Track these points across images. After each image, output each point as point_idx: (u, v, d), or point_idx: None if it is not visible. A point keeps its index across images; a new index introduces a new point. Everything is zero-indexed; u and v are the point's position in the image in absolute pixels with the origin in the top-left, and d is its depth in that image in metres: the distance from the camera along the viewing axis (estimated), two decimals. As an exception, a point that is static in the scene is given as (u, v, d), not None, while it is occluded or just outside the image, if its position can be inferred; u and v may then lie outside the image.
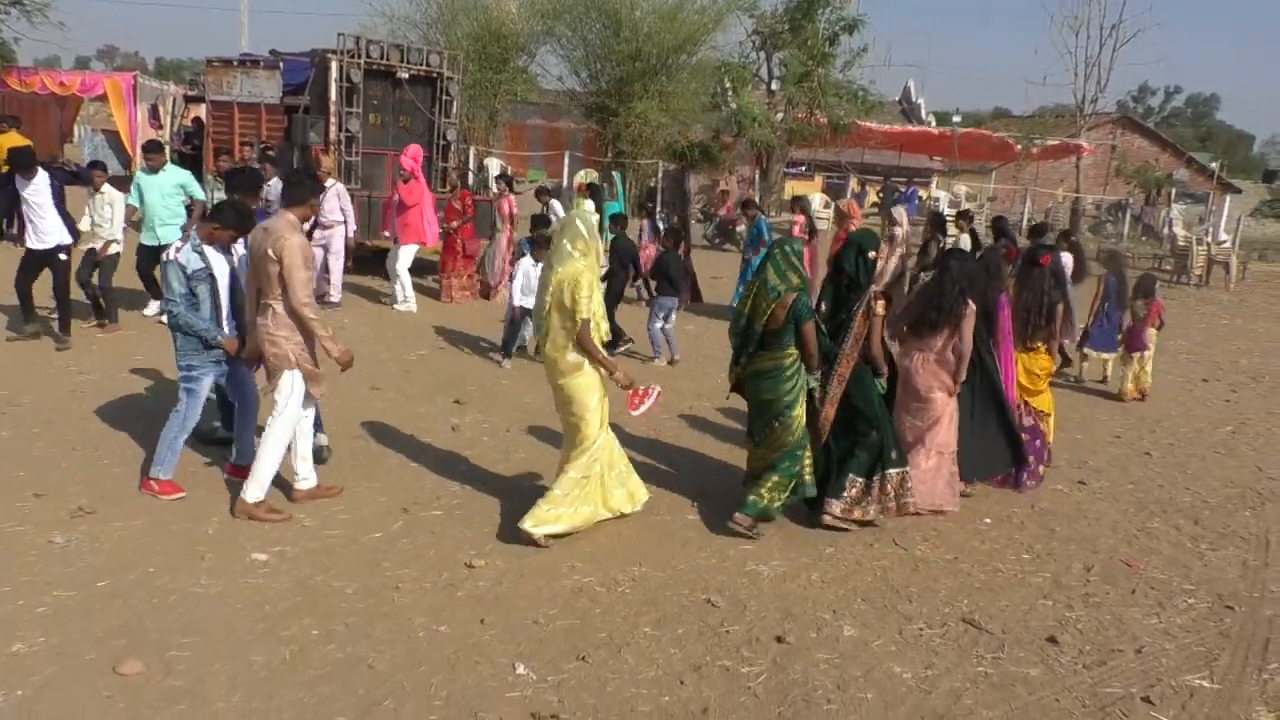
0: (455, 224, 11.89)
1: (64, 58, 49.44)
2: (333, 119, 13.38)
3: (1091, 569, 5.47)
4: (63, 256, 8.59)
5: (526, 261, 9.30)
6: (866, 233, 6.15)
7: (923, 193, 30.82)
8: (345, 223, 11.35)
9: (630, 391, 5.58)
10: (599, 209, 13.99)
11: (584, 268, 5.19)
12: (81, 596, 4.38)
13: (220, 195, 9.53)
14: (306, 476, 5.68)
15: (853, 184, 32.61)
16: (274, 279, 5.14)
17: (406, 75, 14.11)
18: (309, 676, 3.91)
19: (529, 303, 8.98)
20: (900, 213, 12.21)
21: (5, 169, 12.75)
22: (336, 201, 11.18)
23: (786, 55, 26.80)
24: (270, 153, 12.63)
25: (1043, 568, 5.46)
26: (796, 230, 12.14)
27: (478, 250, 12.84)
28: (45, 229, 8.47)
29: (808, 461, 5.59)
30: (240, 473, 5.61)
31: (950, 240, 12.43)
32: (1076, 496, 6.75)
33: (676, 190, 27.67)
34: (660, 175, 26.01)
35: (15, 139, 13.87)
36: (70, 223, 8.66)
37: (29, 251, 8.70)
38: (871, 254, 5.80)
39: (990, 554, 5.60)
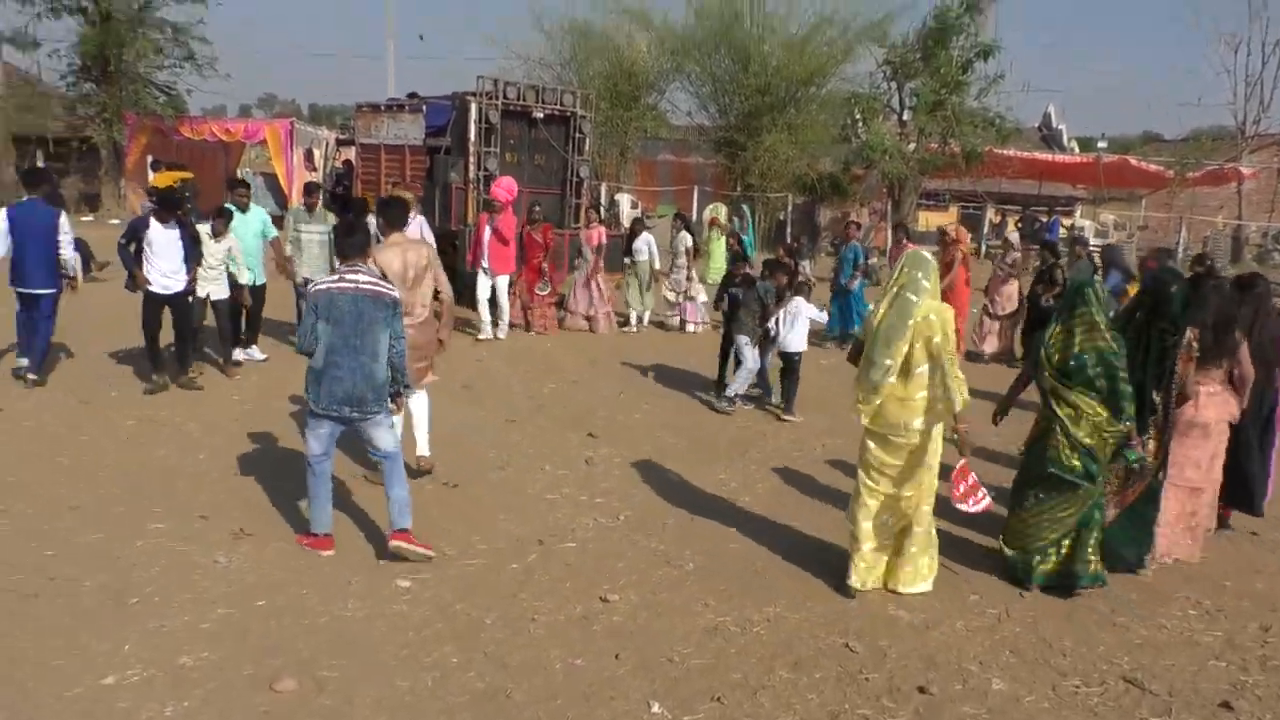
0: (540, 256, 12.26)
1: (229, 106, 53.00)
2: (471, 158, 13.86)
3: (1269, 629, 5.08)
4: (189, 299, 8.66)
5: (800, 303, 9.19)
6: (1172, 271, 5.94)
7: (1065, 222, 29.59)
8: None
9: (960, 480, 5.15)
10: (739, 240, 14.01)
11: (943, 305, 4.97)
12: (240, 615, 4.62)
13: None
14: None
15: (990, 214, 31.63)
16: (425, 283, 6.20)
17: (541, 115, 14.56)
18: (450, 704, 4.00)
19: (796, 344, 9.03)
20: (1011, 238, 11.82)
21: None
22: (419, 232, 11.58)
23: (918, 84, 26.32)
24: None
25: (1213, 626, 5.10)
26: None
27: (560, 281, 13.12)
28: (167, 272, 8.36)
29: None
30: (404, 537, 5.33)
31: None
32: (1248, 549, 6.30)
33: (806, 223, 27.56)
34: (789, 208, 25.89)
35: (166, 180, 14.75)
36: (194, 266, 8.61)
37: (150, 295, 8.44)
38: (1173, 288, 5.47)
39: (1153, 607, 5.27)
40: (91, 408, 8.01)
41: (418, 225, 11.37)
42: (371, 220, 10.00)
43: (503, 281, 11.92)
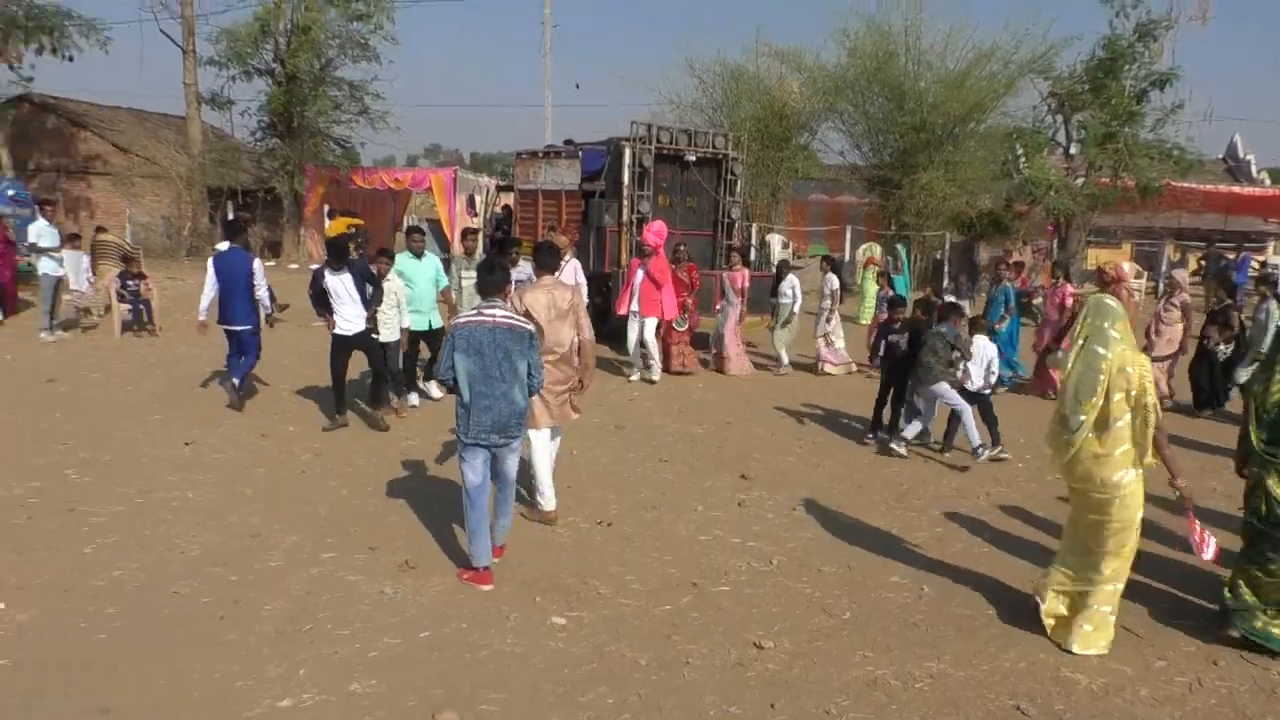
0: (685, 295, 12.28)
1: (397, 157, 56.15)
2: (625, 201, 14.19)
3: None
4: (373, 338, 9.07)
5: (982, 342, 9.10)
6: None
7: (1256, 259, 27.51)
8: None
9: (1190, 530, 5.06)
10: (889, 280, 13.69)
11: (1138, 355, 4.78)
12: (405, 646, 4.80)
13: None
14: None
15: (1169, 251, 29.83)
16: (568, 323, 6.45)
17: (694, 158, 14.78)
18: (605, 744, 4.01)
19: (983, 383, 8.96)
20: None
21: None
22: (573, 276, 11.75)
23: (1086, 116, 25.20)
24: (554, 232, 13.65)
25: None
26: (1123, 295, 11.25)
27: (697, 323, 13.09)
28: (349, 315, 8.87)
29: None
30: (497, 551, 5.87)
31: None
32: None
33: (964, 262, 26.70)
34: (947, 247, 25.17)
35: (339, 227, 15.67)
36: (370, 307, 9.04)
37: (335, 337, 8.98)
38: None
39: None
40: (271, 441, 8.56)
41: (571, 269, 11.69)
42: (525, 264, 10.38)
43: (651, 324, 12.00)
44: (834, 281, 13.22)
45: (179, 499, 6.85)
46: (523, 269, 10.53)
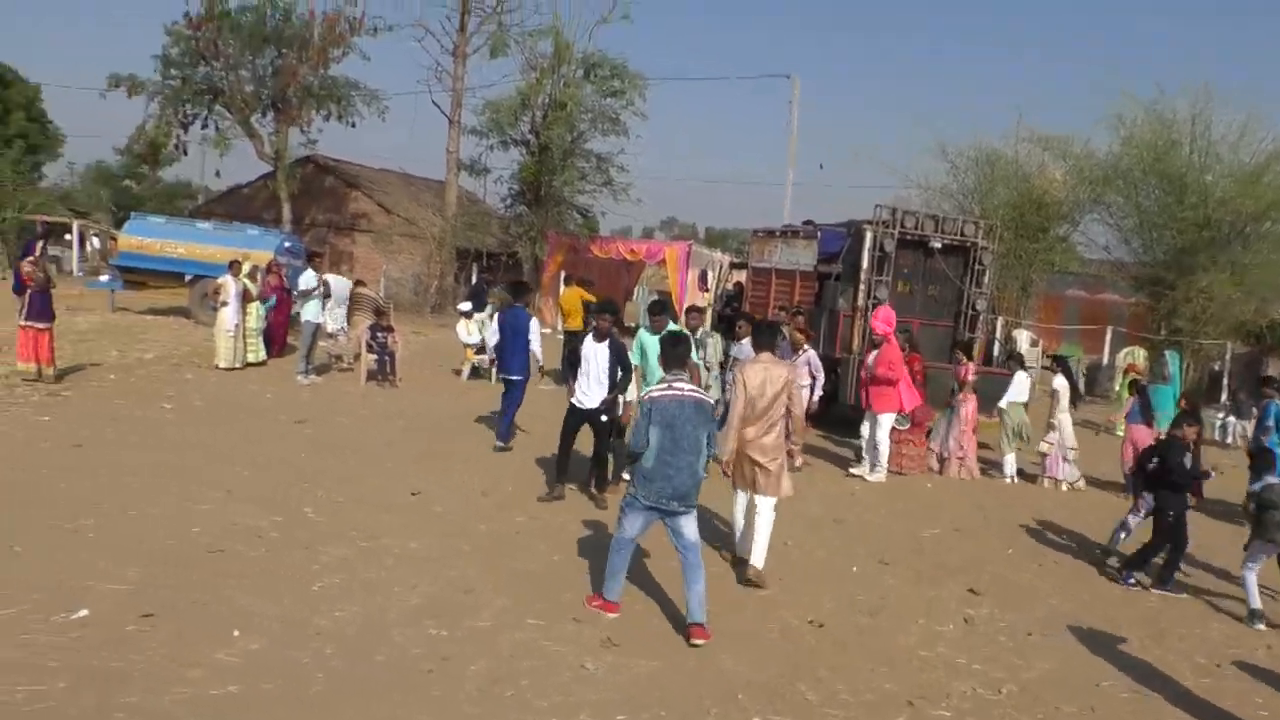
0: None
1: (633, 228, 58.49)
2: (862, 286, 13.98)
3: None
4: (604, 418, 9.17)
5: None
6: None
7: None
8: (813, 385, 11.66)
9: None
10: (1140, 391, 12.57)
11: None
12: (601, 725, 4.80)
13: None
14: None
15: None
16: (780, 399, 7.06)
17: (939, 245, 14.41)
18: None
19: None
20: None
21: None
22: (807, 367, 11.62)
23: None
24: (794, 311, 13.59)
25: None
26: None
27: (929, 418, 12.49)
28: (588, 389, 9.06)
29: None
30: (701, 633, 5.90)
31: None
32: None
33: (1248, 376, 24.33)
34: (1228, 358, 23.11)
35: (573, 296, 16.38)
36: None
37: (572, 407, 9.22)
38: None
39: None
40: (491, 500, 8.94)
41: (806, 359, 11.66)
42: (746, 343, 10.43)
43: (886, 420, 11.35)
44: (1063, 386, 12.11)
45: (401, 547, 7.26)
46: (745, 346, 10.59)
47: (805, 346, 11.83)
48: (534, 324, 10.92)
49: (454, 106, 29.44)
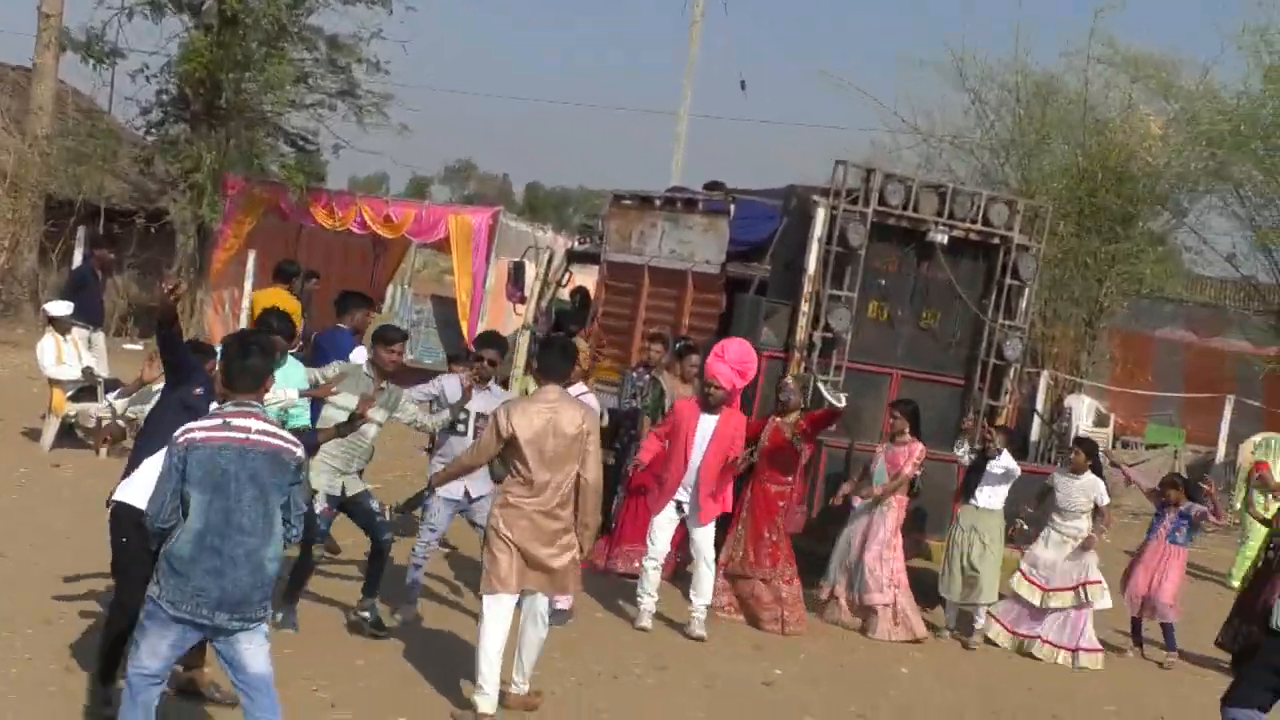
0: (784, 482, 8.80)
1: (394, 178, 42.91)
2: (806, 303, 9.35)
3: None
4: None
5: None
6: None
7: None
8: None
9: None
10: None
11: None
12: None
13: None
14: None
15: None
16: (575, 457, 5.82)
17: (944, 238, 9.59)
18: None
19: None
20: None
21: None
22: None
23: None
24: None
25: None
26: None
27: (794, 526, 9.61)
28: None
29: None
30: None
31: None
32: None
33: None
34: None
35: (274, 298, 10.81)
36: None
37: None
38: None
39: None
40: None
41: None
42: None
43: (707, 535, 8.10)
44: (1098, 490, 8.56)
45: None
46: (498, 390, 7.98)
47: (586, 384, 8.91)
48: (359, 351, 8.31)
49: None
